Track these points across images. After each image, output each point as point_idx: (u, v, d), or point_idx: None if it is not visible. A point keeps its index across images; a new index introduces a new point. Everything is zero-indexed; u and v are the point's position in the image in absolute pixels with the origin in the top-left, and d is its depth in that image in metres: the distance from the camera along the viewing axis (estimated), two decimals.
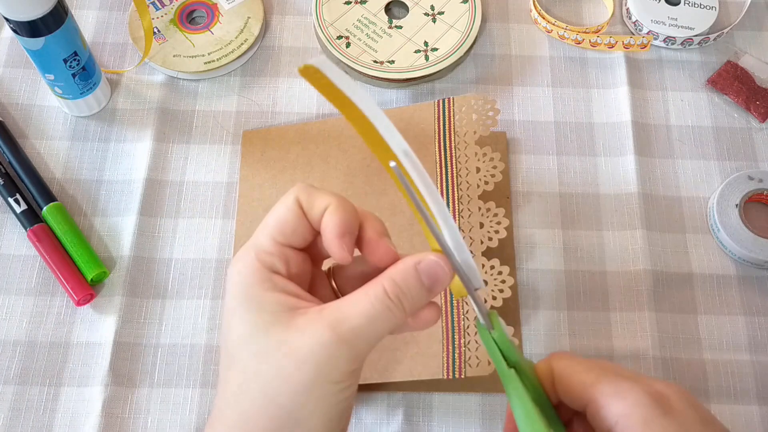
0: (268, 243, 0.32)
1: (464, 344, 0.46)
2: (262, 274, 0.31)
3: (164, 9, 0.62)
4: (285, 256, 0.32)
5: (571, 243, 0.55)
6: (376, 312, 0.30)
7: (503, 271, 0.48)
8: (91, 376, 0.50)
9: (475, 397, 0.49)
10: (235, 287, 0.32)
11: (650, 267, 0.53)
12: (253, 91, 0.60)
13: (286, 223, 0.32)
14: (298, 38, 0.63)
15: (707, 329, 0.52)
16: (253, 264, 0.32)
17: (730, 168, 0.58)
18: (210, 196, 0.56)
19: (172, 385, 0.50)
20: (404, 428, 0.48)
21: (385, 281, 0.31)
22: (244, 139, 0.58)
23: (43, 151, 0.57)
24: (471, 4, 0.62)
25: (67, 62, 0.53)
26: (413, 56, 0.60)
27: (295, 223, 0.32)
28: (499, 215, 0.49)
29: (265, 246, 0.32)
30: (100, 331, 0.51)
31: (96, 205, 0.55)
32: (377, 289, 0.31)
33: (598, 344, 0.51)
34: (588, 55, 0.63)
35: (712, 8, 0.63)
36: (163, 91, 0.60)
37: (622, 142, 0.58)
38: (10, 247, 0.54)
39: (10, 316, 0.51)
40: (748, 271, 0.54)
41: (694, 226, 0.56)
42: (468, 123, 0.52)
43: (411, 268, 0.31)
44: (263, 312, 0.31)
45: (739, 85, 0.60)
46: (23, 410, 0.48)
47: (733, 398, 0.50)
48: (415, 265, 0.31)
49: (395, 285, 0.31)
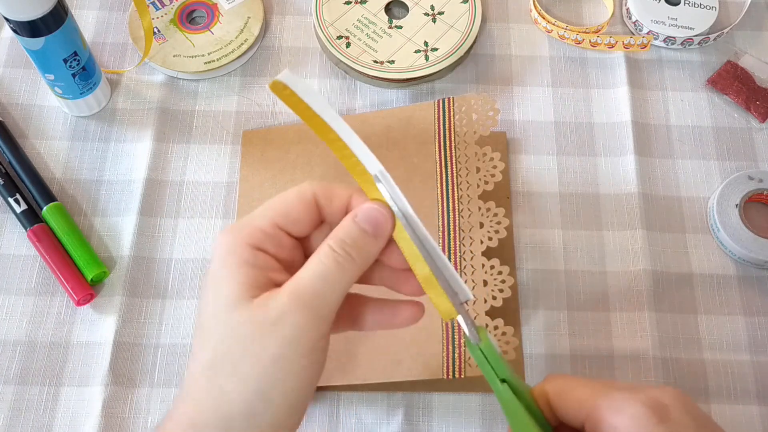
0: (266, 222, 0.32)
1: (464, 344, 0.46)
2: (245, 250, 0.32)
3: (164, 9, 0.62)
4: (278, 239, 0.32)
5: (571, 243, 0.55)
6: (327, 269, 0.31)
7: (503, 271, 0.48)
8: (91, 376, 0.50)
9: (475, 397, 0.49)
10: (216, 258, 0.32)
11: (650, 267, 0.53)
12: (253, 91, 0.60)
13: (293, 209, 0.33)
14: (298, 38, 0.63)
15: (707, 329, 0.52)
16: (241, 238, 0.32)
17: (730, 168, 0.58)
18: (210, 196, 0.56)
19: (172, 385, 0.50)
20: (404, 428, 0.48)
21: (329, 240, 0.32)
22: (244, 139, 0.58)
23: (43, 151, 0.57)
24: (471, 4, 0.62)
25: (67, 62, 0.53)
26: (413, 56, 0.60)
27: (302, 210, 0.33)
28: (499, 215, 0.49)
29: (261, 224, 0.32)
30: (100, 331, 0.51)
31: (96, 205, 0.55)
32: (324, 249, 0.31)
33: (598, 344, 0.51)
34: (588, 55, 0.63)
35: (712, 8, 0.63)
36: (163, 91, 0.60)
37: (622, 142, 0.58)
38: (10, 247, 0.54)
39: (10, 316, 0.51)
40: (748, 271, 0.54)
41: (694, 226, 0.56)
42: (468, 123, 0.52)
43: (350, 220, 0.32)
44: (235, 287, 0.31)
45: (739, 85, 0.60)
46: (23, 410, 0.48)
47: (733, 398, 0.50)
48: (353, 217, 0.32)
49: (339, 239, 0.32)
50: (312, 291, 0.31)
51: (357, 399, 0.49)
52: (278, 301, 0.30)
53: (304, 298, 0.30)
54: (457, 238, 0.49)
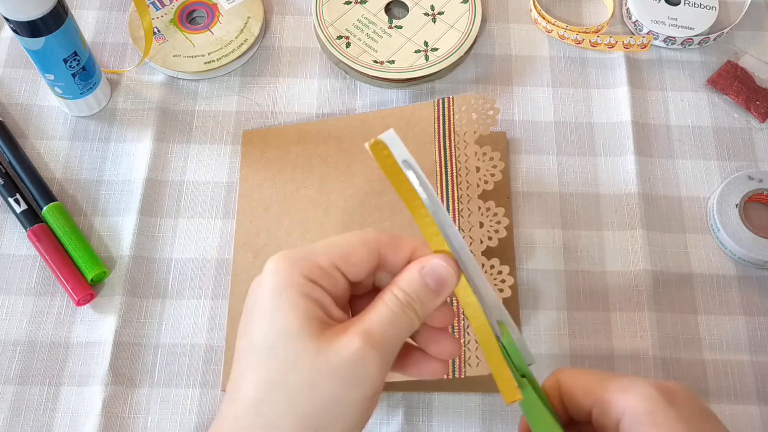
0: (325, 260, 0.32)
1: (464, 344, 0.46)
2: (303, 282, 0.31)
3: (164, 9, 0.62)
4: (334, 279, 0.32)
5: (571, 243, 0.55)
6: (395, 317, 0.31)
7: (503, 270, 0.48)
8: (91, 375, 0.50)
9: (475, 397, 0.49)
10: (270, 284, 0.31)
11: (650, 267, 0.53)
12: (253, 91, 0.60)
13: (354, 254, 0.32)
14: (298, 38, 0.63)
15: (707, 329, 0.52)
16: (299, 269, 0.31)
17: (730, 168, 0.58)
18: (210, 196, 0.56)
19: (172, 385, 0.50)
20: (404, 428, 0.48)
21: (395, 290, 0.31)
22: (244, 139, 0.58)
23: (43, 151, 0.57)
24: (471, 4, 0.62)
25: (67, 62, 0.53)
26: (413, 56, 0.60)
27: (364, 257, 0.32)
28: (499, 215, 0.49)
29: (320, 261, 0.32)
30: (100, 331, 0.51)
31: (96, 205, 0.55)
32: (391, 297, 0.31)
33: (598, 344, 0.51)
34: (588, 55, 0.63)
35: (712, 8, 0.63)
36: (163, 91, 0.60)
37: (622, 142, 0.58)
38: (10, 247, 0.54)
39: (10, 316, 0.51)
40: (748, 271, 0.54)
41: (694, 226, 0.56)
42: (468, 122, 0.52)
43: (416, 274, 0.32)
44: (295, 318, 0.30)
45: (739, 85, 0.60)
46: (23, 410, 0.48)
47: (733, 398, 0.50)
48: (419, 270, 0.32)
49: (404, 292, 0.31)
50: (383, 335, 0.30)
51: None
52: (350, 341, 0.30)
53: (375, 343, 0.30)
54: None
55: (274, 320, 0.30)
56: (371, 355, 0.30)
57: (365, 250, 0.32)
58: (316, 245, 0.32)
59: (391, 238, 0.33)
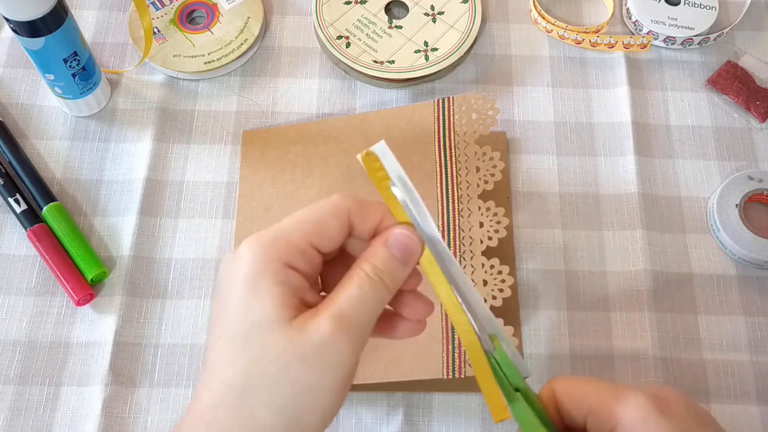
0: (301, 240, 0.31)
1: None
2: (279, 268, 0.31)
3: (164, 9, 0.62)
4: (310, 257, 0.32)
5: (571, 243, 0.55)
6: (364, 294, 0.31)
7: (503, 270, 0.48)
8: (91, 375, 0.50)
9: (475, 397, 0.49)
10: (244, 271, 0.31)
11: (650, 267, 0.53)
12: (253, 91, 0.60)
13: (328, 226, 0.32)
14: (298, 38, 0.63)
15: (707, 329, 0.52)
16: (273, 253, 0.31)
17: (730, 168, 0.58)
18: (210, 196, 0.56)
19: (172, 385, 0.50)
20: (404, 428, 0.48)
21: (363, 265, 0.32)
22: (244, 139, 0.58)
23: (43, 151, 0.57)
24: (471, 4, 0.62)
25: (67, 62, 0.53)
26: (413, 56, 0.60)
27: (337, 228, 0.32)
28: (499, 215, 0.49)
29: (296, 241, 0.31)
30: (100, 331, 0.51)
31: (96, 205, 0.55)
32: (359, 273, 0.31)
33: (598, 344, 0.51)
34: (588, 55, 0.63)
35: (712, 8, 0.63)
36: (163, 91, 0.60)
37: (622, 142, 0.58)
38: (10, 247, 0.54)
39: (10, 316, 0.51)
40: (748, 271, 0.54)
41: (694, 226, 0.56)
42: (468, 122, 0.52)
43: (381, 248, 0.32)
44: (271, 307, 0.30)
45: (739, 85, 0.60)
46: (23, 410, 0.48)
47: (733, 398, 0.50)
48: (383, 242, 0.32)
49: (372, 267, 0.31)
50: (353, 317, 0.30)
51: (357, 399, 0.49)
52: (320, 326, 0.30)
53: (346, 324, 0.30)
54: (457, 238, 0.49)
55: (250, 309, 0.30)
56: (342, 338, 0.30)
57: (337, 222, 0.32)
58: (288, 223, 0.32)
59: (359, 205, 0.32)
